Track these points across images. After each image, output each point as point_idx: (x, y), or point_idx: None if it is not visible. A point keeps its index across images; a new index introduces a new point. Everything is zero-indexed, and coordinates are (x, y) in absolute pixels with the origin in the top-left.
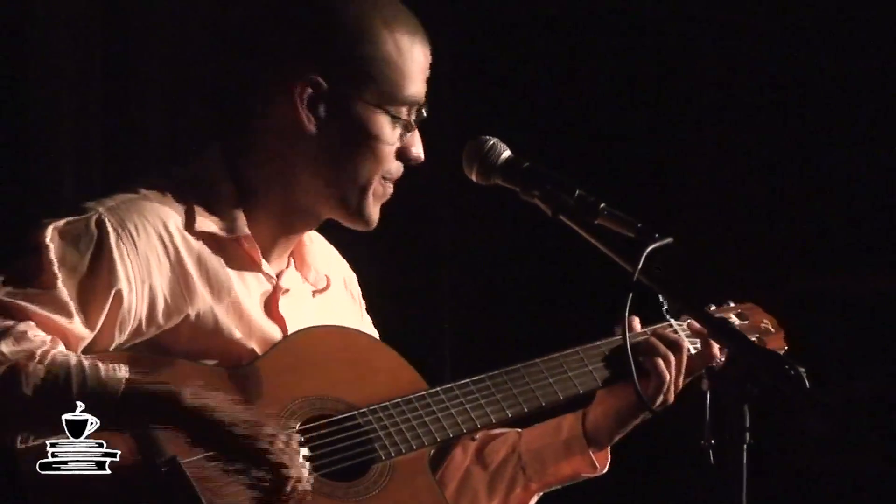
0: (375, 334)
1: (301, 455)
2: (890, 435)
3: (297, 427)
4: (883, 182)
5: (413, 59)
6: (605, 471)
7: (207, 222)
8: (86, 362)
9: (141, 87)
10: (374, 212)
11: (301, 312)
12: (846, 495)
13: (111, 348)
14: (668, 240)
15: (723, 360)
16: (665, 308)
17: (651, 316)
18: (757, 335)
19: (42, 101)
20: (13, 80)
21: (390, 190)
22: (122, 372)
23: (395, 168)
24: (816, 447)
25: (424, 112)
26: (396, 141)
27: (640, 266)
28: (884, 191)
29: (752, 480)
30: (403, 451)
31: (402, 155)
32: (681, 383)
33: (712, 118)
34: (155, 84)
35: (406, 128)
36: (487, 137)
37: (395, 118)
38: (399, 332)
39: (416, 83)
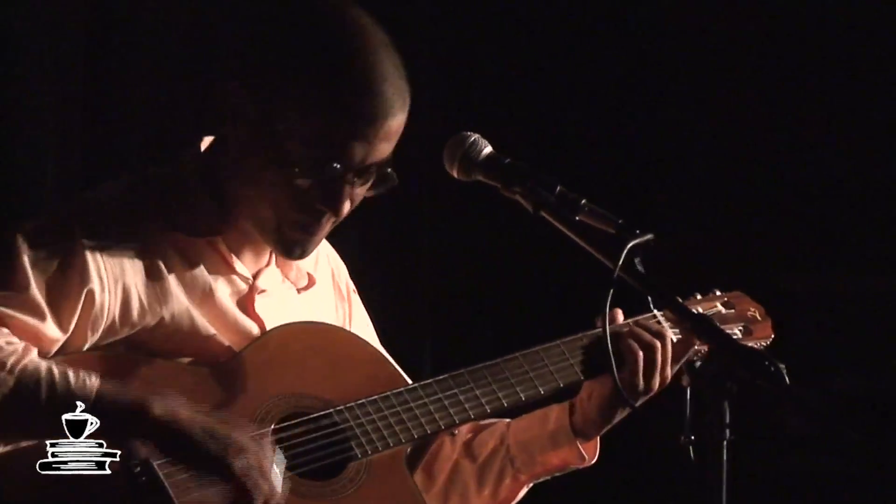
0: (368, 322)
1: (275, 465)
2: (870, 433)
3: (272, 427)
4: (868, 181)
5: (342, 124)
6: (594, 461)
7: (181, 224)
8: (56, 371)
9: (123, 84)
10: (288, 244)
11: (281, 312)
12: (825, 493)
13: (85, 348)
14: (649, 236)
15: (704, 349)
16: (651, 300)
17: (635, 307)
18: (743, 324)
19: (23, 97)
20: None
21: (313, 229)
22: (93, 382)
23: (304, 214)
24: (796, 444)
25: (351, 169)
26: (301, 187)
27: (620, 262)
28: (869, 190)
29: (732, 477)
30: (380, 448)
31: (310, 203)
32: (667, 374)
33: (699, 115)
34: (137, 81)
35: (321, 180)
36: (469, 133)
37: (300, 170)
38: (379, 328)
39: (338, 146)
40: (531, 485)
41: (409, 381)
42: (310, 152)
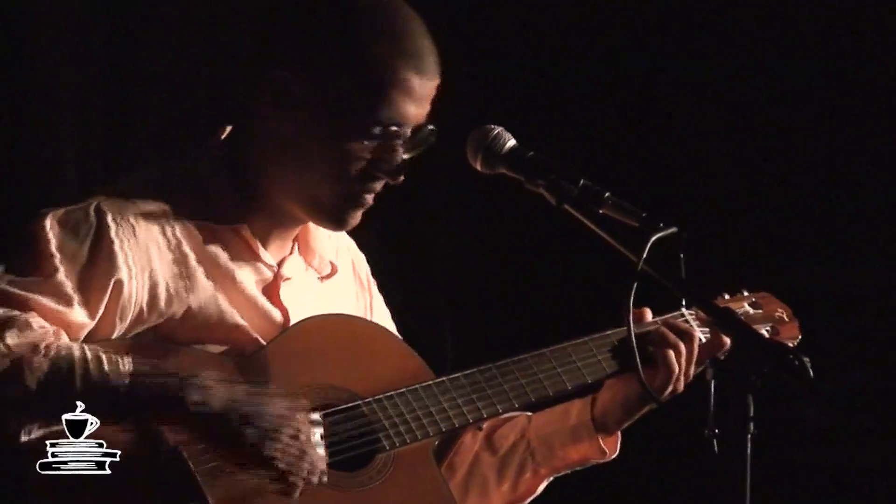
0: (387, 314)
1: (316, 439)
2: (890, 428)
3: (315, 413)
4: (880, 176)
5: (398, 83)
6: (614, 456)
7: (206, 213)
8: (89, 355)
9: (144, 75)
10: (345, 217)
11: (304, 300)
12: (847, 487)
13: (113, 336)
14: (673, 229)
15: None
16: (683, 299)
17: (664, 304)
18: (771, 324)
19: (44, 89)
20: (15, 67)
21: (368, 200)
22: (127, 365)
23: (364, 184)
24: (818, 438)
25: (405, 131)
26: (363, 157)
27: (644, 255)
28: (881, 185)
29: (755, 470)
30: (408, 441)
31: (371, 171)
32: (691, 373)
33: (713, 110)
34: (158, 72)
35: (380, 145)
36: (492, 126)
37: (361, 137)
38: (399, 324)
39: (396, 106)
40: (551, 479)
41: (434, 375)
42: (367, 119)
